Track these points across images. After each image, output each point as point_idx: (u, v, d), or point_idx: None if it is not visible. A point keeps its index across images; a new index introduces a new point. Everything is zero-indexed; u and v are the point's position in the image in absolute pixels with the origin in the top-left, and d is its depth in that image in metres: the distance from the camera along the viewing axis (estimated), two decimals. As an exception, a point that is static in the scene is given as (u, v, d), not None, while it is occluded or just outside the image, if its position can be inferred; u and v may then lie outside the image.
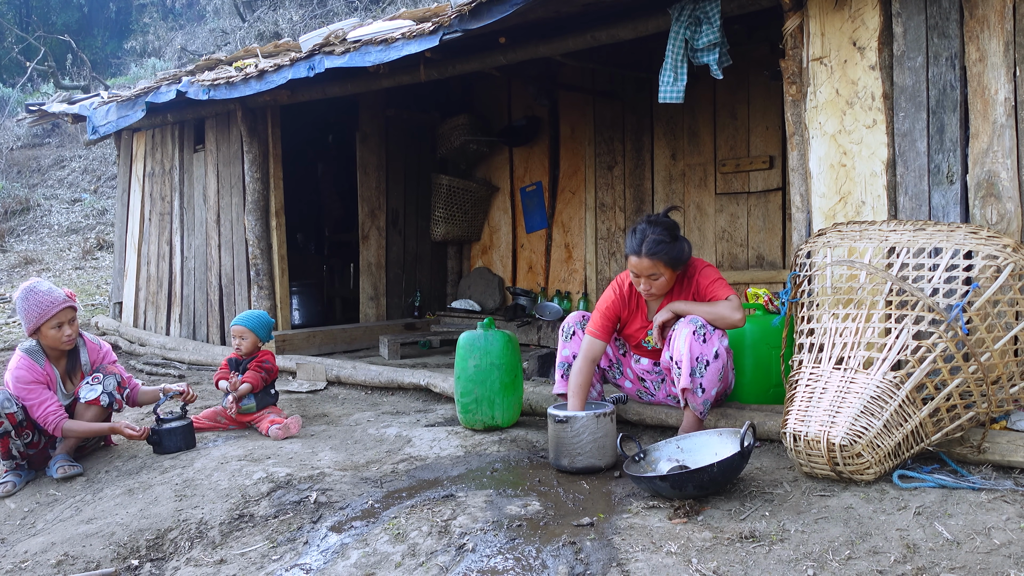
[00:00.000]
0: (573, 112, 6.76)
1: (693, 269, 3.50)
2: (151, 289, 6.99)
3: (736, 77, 5.61)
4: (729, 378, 3.51)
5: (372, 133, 6.95)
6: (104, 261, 10.53)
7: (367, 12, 12.17)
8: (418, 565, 2.44)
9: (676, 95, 3.90)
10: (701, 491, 2.72)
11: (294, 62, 4.87)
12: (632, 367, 3.72)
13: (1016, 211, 3.00)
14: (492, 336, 3.78)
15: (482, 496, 2.92)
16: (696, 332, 3.28)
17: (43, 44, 16.19)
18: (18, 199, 12.43)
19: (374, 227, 6.97)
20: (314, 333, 6.16)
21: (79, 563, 2.78)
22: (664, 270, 3.37)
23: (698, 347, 3.27)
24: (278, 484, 3.21)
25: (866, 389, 2.75)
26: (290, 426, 3.94)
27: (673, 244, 3.37)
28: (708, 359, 3.28)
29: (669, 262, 3.36)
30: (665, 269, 3.37)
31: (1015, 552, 2.20)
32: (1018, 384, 2.84)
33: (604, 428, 3.18)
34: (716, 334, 3.33)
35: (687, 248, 3.44)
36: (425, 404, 4.54)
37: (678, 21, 3.81)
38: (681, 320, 3.37)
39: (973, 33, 3.06)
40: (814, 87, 3.45)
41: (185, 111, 6.34)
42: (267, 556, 2.67)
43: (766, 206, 5.76)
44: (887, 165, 3.26)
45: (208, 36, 15.46)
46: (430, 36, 4.17)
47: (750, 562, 2.26)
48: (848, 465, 2.71)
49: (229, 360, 4.26)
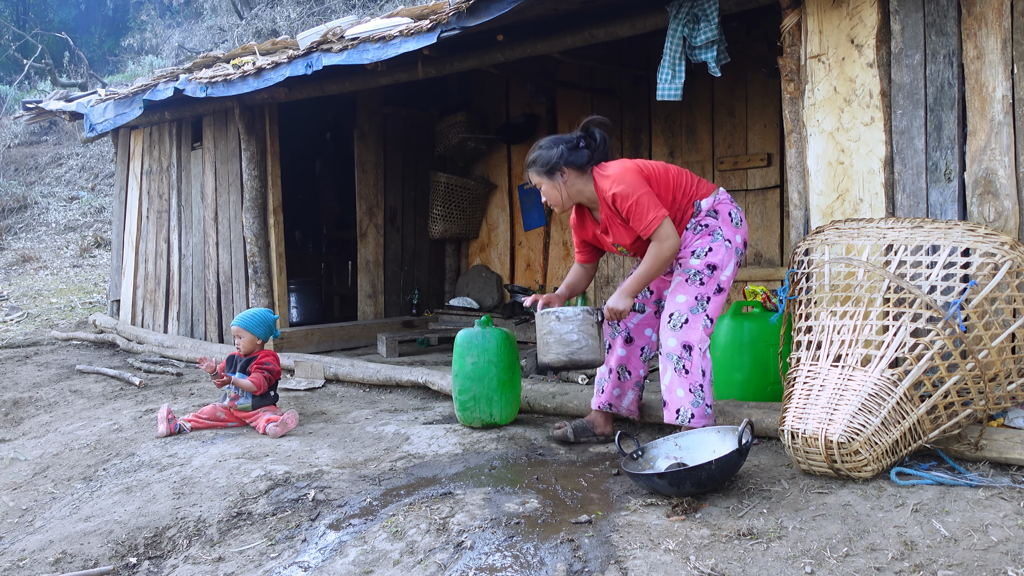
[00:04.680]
0: (571, 110, 6.76)
1: (603, 190, 3.28)
2: (149, 287, 6.98)
3: (734, 75, 5.61)
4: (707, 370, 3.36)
5: (370, 131, 6.95)
6: (102, 259, 10.52)
7: (365, 9, 12.15)
8: (416, 563, 2.44)
9: (674, 93, 3.90)
10: (699, 488, 2.72)
11: (292, 60, 4.86)
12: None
13: (1013, 208, 3.00)
14: (490, 334, 3.78)
15: (480, 494, 2.92)
16: (677, 369, 3.26)
17: (40, 41, 16.14)
18: (15, 197, 12.41)
19: (372, 225, 6.97)
20: (312, 331, 6.16)
21: (77, 561, 2.78)
22: (539, 179, 3.36)
23: (679, 381, 3.26)
24: (276, 482, 3.21)
25: (864, 386, 2.76)
26: (287, 422, 3.93)
27: (544, 151, 3.34)
28: (693, 392, 3.25)
29: (538, 172, 3.35)
30: (540, 179, 3.36)
31: (1012, 549, 2.21)
32: (1016, 381, 2.84)
33: (590, 321, 3.21)
34: (695, 360, 3.23)
35: (557, 153, 3.31)
36: (423, 402, 4.54)
37: (676, 18, 3.81)
38: (661, 354, 3.32)
39: (971, 31, 3.06)
40: (812, 85, 3.45)
41: (183, 109, 6.32)
42: (265, 554, 2.67)
43: (764, 203, 5.77)
44: (885, 163, 3.27)
45: (206, 34, 15.43)
46: (428, 34, 4.17)
47: (748, 559, 2.26)
48: (846, 462, 2.71)
49: (228, 358, 4.26)
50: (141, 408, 4.61)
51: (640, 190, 3.19)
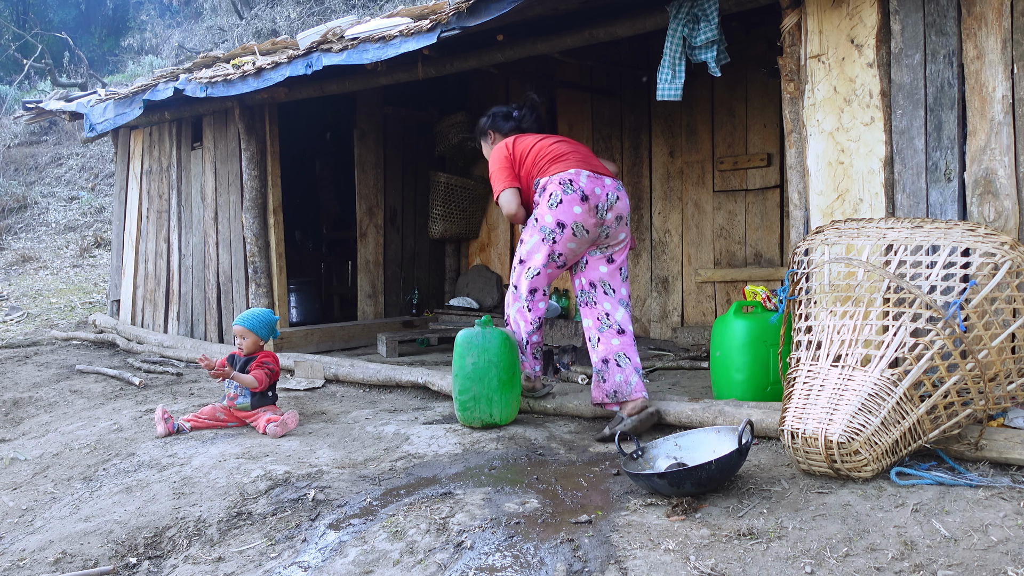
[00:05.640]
0: (571, 110, 6.76)
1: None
2: (149, 287, 6.98)
3: (734, 75, 5.61)
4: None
5: (370, 131, 6.95)
6: (102, 259, 10.51)
7: (365, 9, 12.15)
8: (416, 563, 2.44)
9: (674, 93, 3.90)
10: (699, 488, 2.72)
11: (292, 60, 4.86)
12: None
13: (1013, 208, 3.00)
14: (490, 334, 3.78)
15: (480, 494, 2.92)
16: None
17: (40, 41, 16.14)
18: (15, 197, 12.41)
19: (372, 225, 6.97)
20: (312, 331, 6.16)
21: (77, 561, 2.78)
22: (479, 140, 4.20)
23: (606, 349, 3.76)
24: (276, 482, 3.21)
25: (864, 386, 2.76)
26: (287, 422, 3.93)
27: (482, 118, 4.16)
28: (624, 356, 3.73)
29: (476, 134, 4.22)
30: (478, 139, 4.20)
31: (1012, 549, 2.21)
32: (1016, 381, 2.84)
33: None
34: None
35: (486, 119, 4.10)
36: (423, 402, 4.54)
37: (676, 18, 3.81)
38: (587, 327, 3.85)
39: (971, 30, 3.06)
40: (812, 85, 3.45)
41: (183, 109, 6.32)
42: (265, 554, 2.67)
43: (764, 204, 5.77)
44: (885, 163, 3.27)
45: (206, 34, 15.43)
46: (428, 33, 4.17)
47: (748, 559, 2.26)
48: (846, 462, 2.71)
49: (228, 357, 4.26)
50: (141, 408, 4.61)
51: (495, 166, 3.84)
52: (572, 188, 3.63)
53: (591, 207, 3.65)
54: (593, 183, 3.66)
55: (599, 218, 3.68)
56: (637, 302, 6.41)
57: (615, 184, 3.75)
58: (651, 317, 6.34)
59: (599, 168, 3.76)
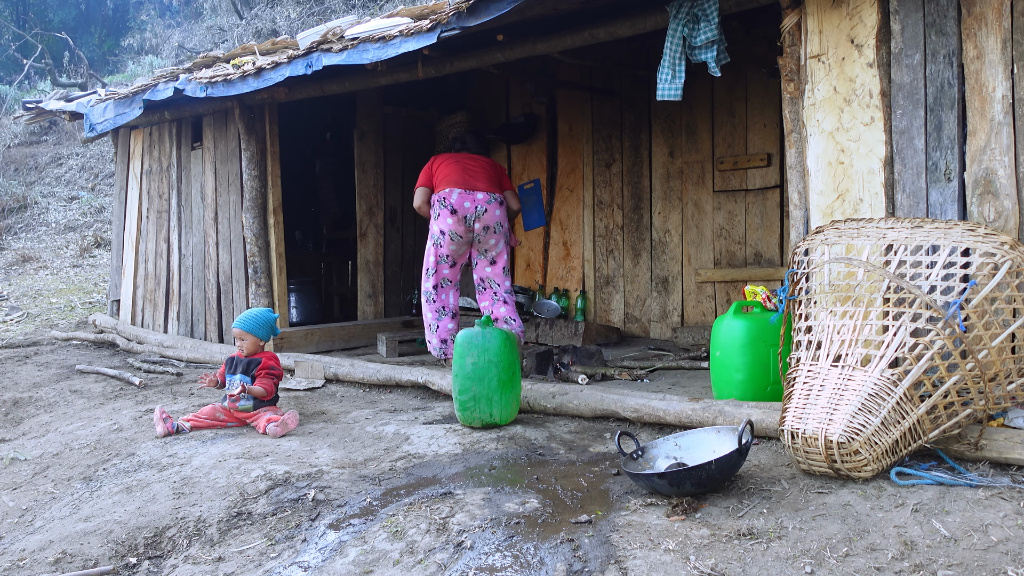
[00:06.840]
0: (571, 110, 6.76)
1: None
2: (149, 287, 6.98)
3: (734, 75, 5.61)
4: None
5: (370, 130, 6.95)
6: (102, 259, 10.51)
7: (365, 9, 12.15)
8: (416, 563, 2.44)
9: (674, 93, 3.90)
10: (699, 488, 2.72)
11: (292, 60, 4.86)
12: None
13: (1013, 208, 3.00)
14: (490, 334, 3.78)
15: (480, 494, 2.92)
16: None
17: (40, 41, 16.14)
18: (15, 197, 12.41)
19: (372, 225, 6.96)
20: (312, 331, 6.16)
21: (77, 561, 2.78)
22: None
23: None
24: (276, 482, 3.21)
25: (864, 386, 2.76)
26: (288, 422, 3.94)
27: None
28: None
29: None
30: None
31: (1012, 549, 2.21)
32: (1015, 381, 2.84)
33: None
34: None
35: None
36: (423, 402, 4.54)
37: (676, 18, 3.81)
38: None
39: (971, 30, 3.06)
40: (812, 84, 3.45)
41: (183, 109, 6.32)
42: (265, 554, 2.67)
43: (764, 203, 5.77)
44: (885, 163, 3.27)
45: (206, 34, 15.43)
46: (428, 33, 4.17)
47: (748, 559, 2.26)
48: (846, 462, 2.71)
49: (228, 359, 4.26)
50: (141, 408, 4.61)
51: (422, 172, 5.01)
52: (444, 204, 4.75)
53: (460, 218, 4.74)
54: (463, 198, 4.73)
55: (468, 226, 4.78)
56: (637, 302, 6.41)
57: (486, 198, 4.76)
58: (651, 317, 6.34)
59: (476, 186, 4.77)
